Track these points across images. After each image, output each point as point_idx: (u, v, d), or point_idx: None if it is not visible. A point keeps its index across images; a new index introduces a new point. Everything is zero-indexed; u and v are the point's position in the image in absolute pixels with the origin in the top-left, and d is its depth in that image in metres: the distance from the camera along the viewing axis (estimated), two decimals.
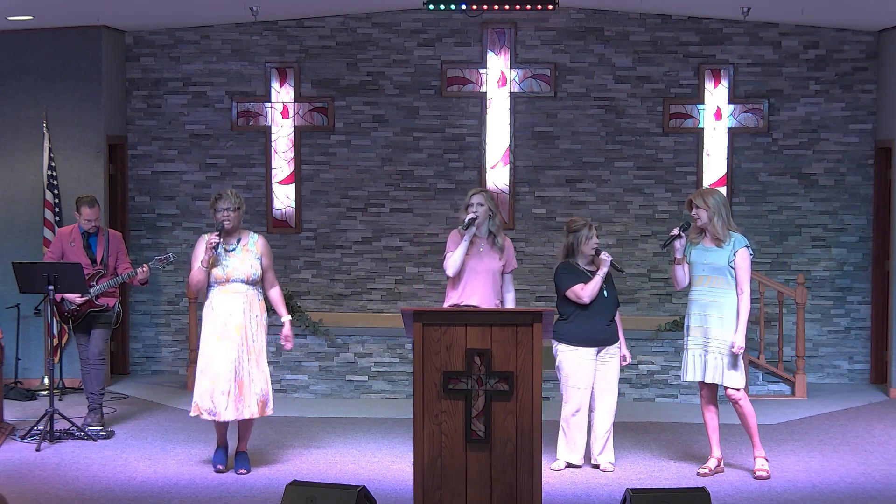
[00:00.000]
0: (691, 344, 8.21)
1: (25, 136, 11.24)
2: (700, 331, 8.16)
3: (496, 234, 8.46)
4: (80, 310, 9.40)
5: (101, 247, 9.49)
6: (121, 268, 9.49)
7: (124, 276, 9.36)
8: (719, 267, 8.10)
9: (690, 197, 8.26)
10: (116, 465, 8.47)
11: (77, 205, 9.51)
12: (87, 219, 9.42)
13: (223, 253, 8.15)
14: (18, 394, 10.71)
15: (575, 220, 8.48)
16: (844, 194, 11.75)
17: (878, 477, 8.25)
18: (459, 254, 8.34)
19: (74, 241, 9.45)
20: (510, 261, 8.52)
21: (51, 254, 9.55)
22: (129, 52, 11.95)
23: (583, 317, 8.33)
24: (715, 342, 8.10)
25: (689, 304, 8.27)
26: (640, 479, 8.19)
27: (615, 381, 8.43)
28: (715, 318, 8.09)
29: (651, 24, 11.76)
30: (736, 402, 8.16)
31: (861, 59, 11.68)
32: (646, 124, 11.81)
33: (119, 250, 9.56)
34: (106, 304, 9.44)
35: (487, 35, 11.82)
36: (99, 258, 9.47)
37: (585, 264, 8.37)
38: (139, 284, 9.53)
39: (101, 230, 9.56)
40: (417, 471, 6.87)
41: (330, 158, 11.97)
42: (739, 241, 8.12)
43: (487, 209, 8.41)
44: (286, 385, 10.91)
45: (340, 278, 11.99)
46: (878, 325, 11.61)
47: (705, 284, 8.14)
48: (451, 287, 8.48)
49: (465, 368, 6.86)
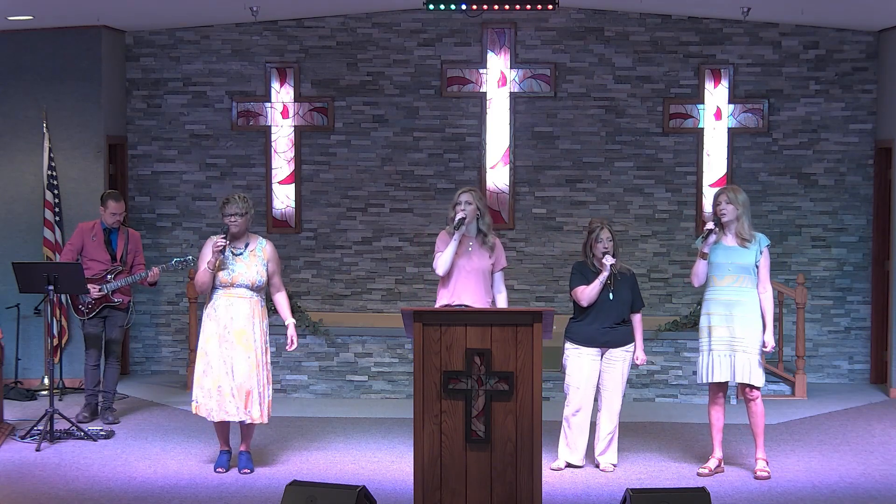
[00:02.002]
0: (715, 344, 8.12)
1: (25, 136, 11.24)
2: (726, 330, 8.09)
3: (486, 233, 8.46)
4: (96, 303, 9.59)
5: (122, 244, 9.69)
6: (136, 268, 9.69)
7: (137, 276, 9.55)
8: (746, 266, 8.08)
9: (719, 192, 8.19)
10: (116, 465, 8.47)
11: (103, 199, 9.72)
12: (112, 212, 9.62)
13: (230, 256, 8.13)
14: (18, 394, 10.72)
15: (593, 220, 8.48)
16: (844, 194, 11.75)
17: (878, 477, 8.25)
18: (449, 253, 8.35)
19: (96, 236, 9.63)
20: (500, 259, 8.52)
21: (70, 246, 9.69)
22: (129, 52, 11.95)
23: (589, 317, 8.33)
24: (742, 341, 8.06)
25: (709, 303, 8.17)
26: (640, 479, 8.19)
27: (620, 382, 8.41)
28: (741, 317, 8.06)
29: (651, 24, 11.76)
30: (753, 401, 8.16)
31: (861, 59, 11.68)
32: (646, 124, 11.81)
33: (137, 250, 9.77)
34: (122, 300, 9.66)
35: (487, 35, 11.82)
36: (119, 255, 9.66)
37: (598, 265, 8.35)
38: (148, 286, 9.76)
39: (121, 228, 9.74)
40: (417, 471, 6.87)
41: (330, 158, 11.97)
42: (763, 240, 8.14)
43: (476, 208, 8.41)
44: (286, 385, 10.91)
45: (340, 278, 11.99)
46: (878, 325, 11.61)
47: (732, 284, 8.09)
48: (441, 287, 8.49)
49: (465, 368, 6.86)
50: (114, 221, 9.65)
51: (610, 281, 8.29)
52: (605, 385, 8.40)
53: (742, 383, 8.16)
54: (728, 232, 8.14)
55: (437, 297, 8.52)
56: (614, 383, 8.39)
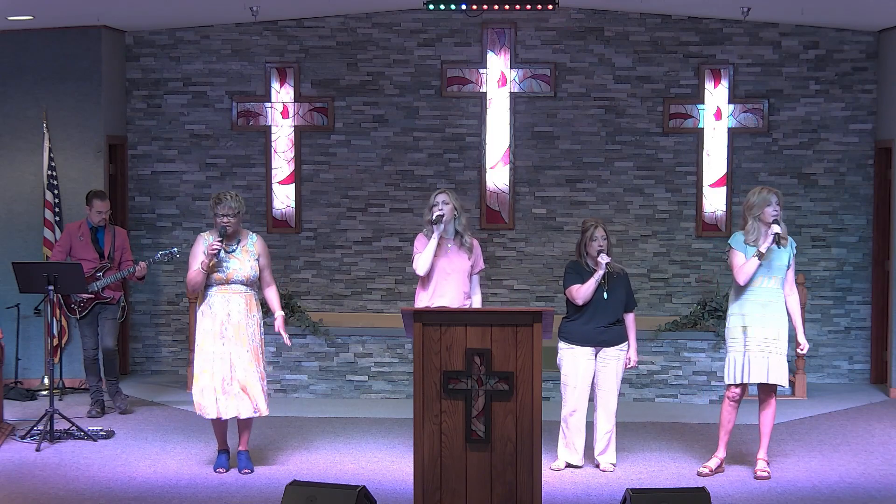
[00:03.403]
0: (751, 345, 8.07)
1: (25, 136, 11.24)
2: (761, 331, 8.06)
3: (462, 234, 8.47)
4: (87, 302, 9.82)
5: (109, 241, 9.94)
6: (124, 264, 9.93)
7: (125, 272, 9.79)
8: (780, 267, 8.09)
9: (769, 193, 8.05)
10: (116, 465, 8.47)
11: (88, 198, 9.98)
12: (98, 210, 9.90)
13: (223, 255, 8.15)
14: (18, 394, 10.72)
15: (588, 219, 8.49)
16: (844, 194, 11.75)
17: (878, 477, 8.25)
18: (429, 252, 8.38)
19: (83, 236, 9.90)
20: (478, 261, 8.56)
21: (59, 247, 9.97)
22: (129, 52, 11.95)
23: (583, 317, 8.34)
24: (777, 343, 8.07)
25: (745, 303, 8.09)
26: (640, 479, 8.19)
27: (616, 381, 8.41)
28: (775, 318, 8.06)
29: (651, 24, 11.76)
30: (770, 400, 8.19)
31: (861, 59, 11.68)
32: (646, 124, 11.81)
33: (124, 247, 10.04)
34: (112, 296, 9.90)
35: (487, 35, 11.82)
36: (106, 252, 9.92)
37: (593, 264, 8.36)
38: (137, 280, 10.01)
39: (107, 226, 9.98)
40: (417, 471, 6.87)
41: (330, 158, 11.97)
42: (792, 242, 8.16)
43: (452, 208, 8.43)
44: (286, 385, 10.91)
45: (340, 278, 11.99)
46: (878, 325, 11.62)
47: (766, 284, 8.08)
48: (420, 288, 8.52)
49: (465, 368, 6.86)
50: (99, 220, 9.93)
51: (605, 280, 8.30)
52: (600, 384, 8.40)
53: (764, 384, 8.15)
54: (774, 233, 8.04)
55: (416, 299, 8.54)
56: (609, 382, 8.40)
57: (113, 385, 10.14)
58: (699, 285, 11.77)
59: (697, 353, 10.67)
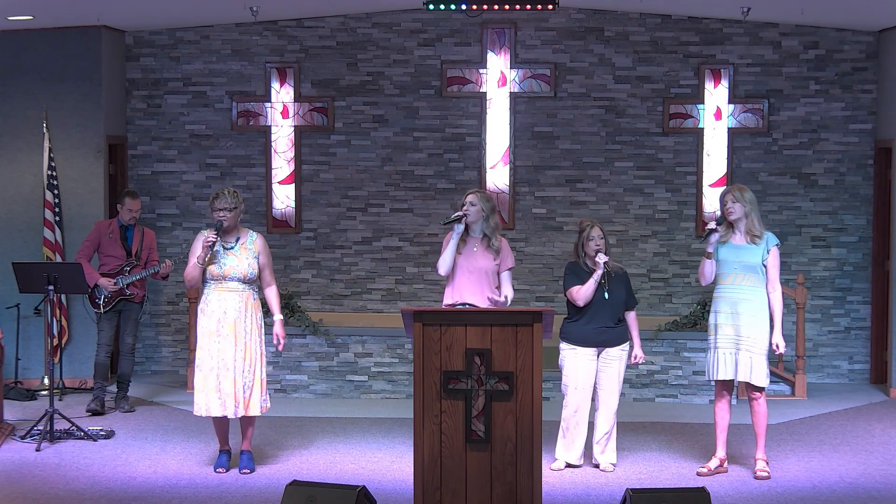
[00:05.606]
0: (721, 342, 8.14)
1: (25, 136, 11.24)
2: (732, 328, 8.10)
3: (490, 237, 8.46)
4: (112, 297, 10.03)
5: (137, 240, 10.17)
6: (150, 263, 10.17)
7: (151, 269, 10.04)
8: (752, 265, 8.09)
9: (725, 192, 8.21)
10: (116, 465, 8.47)
11: (120, 197, 10.21)
12: (129, 209, 10.12)
13: (221, 251, 8.15)
14: (18, 394, 10.72)
15: (584, 220, 8.50)
16: (844, 194, 11.75)
17: (878, 477, 8.25)
18: (448, 253, 8.40)
19: (112, 233, 10.12)
20: (506, 260, 8.53)
21: (88, 243, 10.16)
22: (129, 52, 11.95)
23: (584, 317, 8.33)
24: (747, 340, 8.07)
25: (717, 301, 8.19)
26: (640, 479, 8.19)
27: (617, 382, 8.41)
28: (747, 315, 8.06)
29: (651, 24, 11.76)
30: (755, 400, 8.17)
31: (861, 59, 11.68)
32: (646, 124, 11.81)
33: (151, 247, 10.28)
34: (135, 293, 10.10)
35: (487, 35, 11.82)
36: (134, 251, 10.13)
37: (592, 265, 8.35)
38: (161, 279, 10.24)
39: (137, 226, 10.20)
40: (417, 471, 6.87)
41: (330, 158, 11.97)
42: (772, 239, 8.13)
43: (480, 209, 8.42)
44: (286, 385, 10.91)
45: (340, 278, 11.99)
46: (878, 325, 11.62)
47: (736, 282, 8.10)
48: (447, 286, 8.56)
49: (465, 368, 6.86)
50: (130, 218, 10.13)
51: (604, 280, 8.30)
52: (601, 384, 8.40)
53: (744, 382, 8.17)
54: (738, 230, 8.14)
55: (444, 297, 8.59)
56: (611, 383, 8.40)
57: (124, 387, 10.28)
58: (699, 285, 11.74)
59: (697, 353, 10.67)
